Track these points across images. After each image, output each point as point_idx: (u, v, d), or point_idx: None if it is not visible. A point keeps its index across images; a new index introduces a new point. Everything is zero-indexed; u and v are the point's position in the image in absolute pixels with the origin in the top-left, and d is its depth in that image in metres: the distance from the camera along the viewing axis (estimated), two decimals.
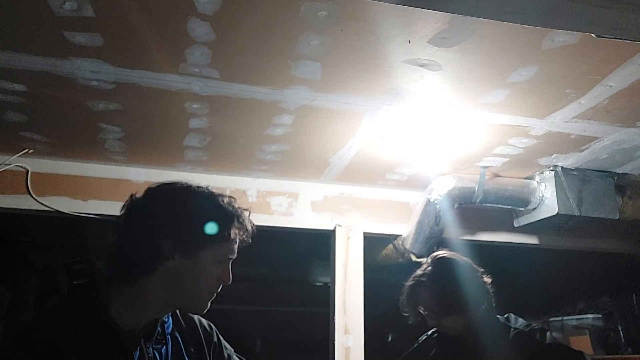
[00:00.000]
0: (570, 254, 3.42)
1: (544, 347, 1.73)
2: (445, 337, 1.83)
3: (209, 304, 1.27)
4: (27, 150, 2.33)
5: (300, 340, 5.27)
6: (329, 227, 2.81)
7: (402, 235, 2.89)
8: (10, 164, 2.37)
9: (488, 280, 1.83)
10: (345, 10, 1.37)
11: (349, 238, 2.79)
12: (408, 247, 2.79)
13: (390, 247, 3.03)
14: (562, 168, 2.55)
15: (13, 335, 1.16)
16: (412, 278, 1.86)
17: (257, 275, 4.67)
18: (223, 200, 1.26)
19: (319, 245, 3.46)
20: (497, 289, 1.84)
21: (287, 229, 2.78)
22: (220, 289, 1.28)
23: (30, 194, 2.41)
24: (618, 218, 2.62)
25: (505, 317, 1.86)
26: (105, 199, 2.50)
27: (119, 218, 1.25)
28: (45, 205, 2.43)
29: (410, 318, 1.86)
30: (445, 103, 1.92)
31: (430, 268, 1.83)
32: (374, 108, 1.95)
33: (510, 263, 3.37)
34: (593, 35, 1.13)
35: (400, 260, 2.93)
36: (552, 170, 2.57)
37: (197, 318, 1.40)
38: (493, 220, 2.98)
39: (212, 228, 1.21)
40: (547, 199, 2.60)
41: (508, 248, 3.13)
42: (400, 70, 1.68)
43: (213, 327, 1.43)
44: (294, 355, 5.35)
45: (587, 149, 2.33)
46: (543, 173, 2.62)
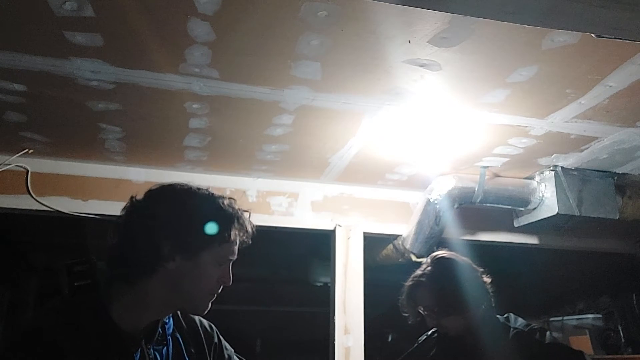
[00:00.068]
0: (570, 254, 3.43)
1: (544, 346, 1.73)
2: (445, 337, 1.83)
3: (210, 305, 1.27)
4: (27, 150, 2.33)
5: (301, 340, 5.27)
6: (329, 227, 2.81)
7: (402, 235, 2.89)
8: (10, 164, 2.37)
9: (488, 280, 1.83)
10: (345, 10, 1.37)
11: (349, 238, 2.79)
12: (408, 247, 2.79)
13: (390, 247, 3.03)
14: (562, 168, 2.55)
15: (14, 337, 1.16)
16: (411, 278, 1.86)
17: (257, 276, 4.67)
18: (223, 202, 1.25)
19: (319, 246, 3.46)
20: (497, 289, 1.84)
21: (287, 229, 2.78)
22: (221, 290, 1.28)
23: (30, 194, 2.41)
24: (618, 218, 2.62)
25: (505, 317, 1.86)
26: (105, 199, 2.50)
27: (120, 219, 1.25)
28: (45, 205, 2.43)
29: (410, 318, 1.86)
30: (445, 103, 1.92)
31: (430, 268, 1.83)
32: (374, 108, 1.95)
33: (510, 263, 3.37)
34: (593, 35, 1.13)
35: (400, 260, 2.93)
36: (552, 170, 2.57)
37: (197, 319, 1.39)
38: (493, 220, 2.98)
39: (212, 229, 1.21)
40: (547, 199, 2.60)
41: (508, 248, 3.13)
42: (400, 70, 1.68)
43: (214, 327, 1.43)
44: (294, 355, 5.35)
45: (587, 149, 2.33)
46: (543, 173, 2.62)
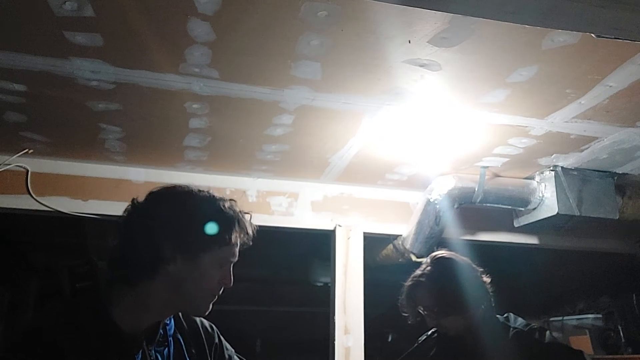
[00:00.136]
0: (570, 254, 3.42)
1: (543, 346, 1.72)
2: (445, 337, 1.83)
3: (211, 306, 1.28)
4: (27, 150, 2.33)
5: (301, 340, 5.28)
6: (329, 227, 2.81)
7: (402, 235, 2.89)
8: (10, 164, 2.37)
9: (487, 280, 1.83)
10: (345, 10, 1.37)
11: (349, 238, 2.79)
12: (408, 247, 2.79)
13: (390, 247, 3.03)
14: (562, 168, 2.55)
15: (14, 337, 1.16)
16: (411, 278, 1.86)
17: (257, 276, 4.67)
18: (224, 204, 1.25)
19: (320, 246, 3.46)
20: (497, 289, 1.84)
21: (287, 229, 2.78)
22: (222, 291, 1.28)
23: (30, 194, 2.41)
24: (618, 218, 2.62)
25: (505, 316, 1.85)
26: (105, 199, 2.50)
27: (121, 221, 1.25)
28: (45, 205, 2.43)
29: (410, 318, 1.86)
30: (445, 103, 1.92)
31: (430, 268, 1.83)
32: (374, 108, 1.95)
33: (510, 263, 3.37)
34: (593, 35, 1.13)
35: (400, 260, 2.93)
36: (552, 170, 2.57)
37: (198, 319, 1.39)
38: (493, 220, 2.98)
39: (213, 232, 1.21)
40: (547, 199, 2.60)
41: (508, 248, 3.13)
42: (400, 70, 1.68)
43: (214, 328, 1.43)
44: (294, 355, 5.35)
45: (587, 149, 2.33)
46: (543, 173, 2.62)
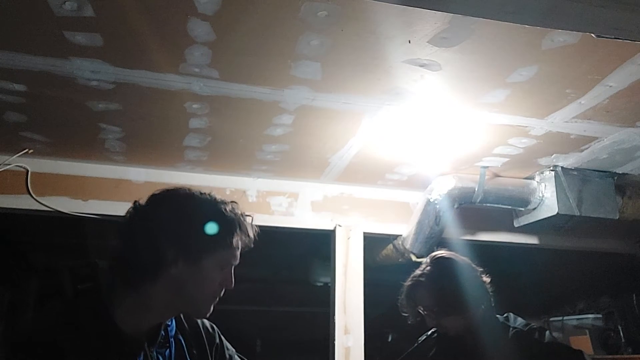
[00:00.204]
0: (570, 254, 3.42)
1: (543, 346, 1.73)
2: (445, 337, 1.83)
3: (212, 308, 1.28)
4: (27, 150, 2.33)
5: (301, 340, 5.28)
6: (329, 227, 2.81)
7: (402, 235, 2.89)
8: (10, 164, 2.37)
9: (487, 280, 1.83)
10: (345, 10, 1.37)
11: (349, 238, 2.79)
12: (408, 247, 2.79)
13: (390, 247, 3.03)
14: (562, 168, 2.55)
15: (15, 338, 1.16)
16: (411, 278, 1.86)
17: (258, 276, 4.68)
18: (225, 208, 1.25)
19: (320, 246, 3.46)
20: (497, 289, 1.84)
21: (287, 229, 2.78)
22: (223, 293, 1.28)
23: (30, 194, 2.41)
24: (618, 218, 2.62)
25: (505, 316, 1.85)
26: (105, 199, 2.49)
27: (122, 224, 1.25)
28: (45, 205, 2.43)
29: (410, 318, 1.86)
30: (445, 103, 1.92)
31: (429, 268, 1.83)
32: (374, 108, 1.95)
33: (510, 263, 3.37)
34: (593, 35, 1.13)
35: (400, 260, 2.93)
36: (552, 170, 2.57)
37: (199, 320, 1.40)
38: (493, 220, 2.98)
39: (214, 236, 1.22)
40: (547, 199, 2.60)
41: (508, 248, 3.13)
42: (400, 70, 1.68)
43: (215, 328, 1.43)
44: (294, 355, 5.35)
45: (587, 149, 2.33)
46: (543, 173, 2.62)
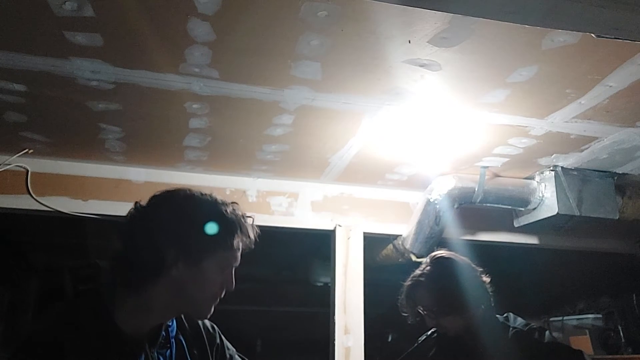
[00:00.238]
0: (570, 254, 3.42)
1: (543, 346, 1.73)
2: (445, 337, 1.82)
3: (213, 309, 1.28)
4: (27, 150, 2.33)
5: (301, 340, 5.28)
6: (329, 227, 2.81)
7: (402, 235, 2.88)
8: (10, 164, 2.37)
9: (487, 280, 1.83)
10: (345, 10, 1.37)
11: (349, 238, 2.79)
12: (408, 247, 2.79)
13: (390, 247, 3.03)
14: (562, 168, 2.55)
15: (18, 343, 1.17)
16: (410, 278, 1.86)
17: (258, 276, 4.68)
18: (226, 210, 1.25)
19: (320, 246, 3.46)
20: (497, 289, 1.84)
21: (287, 229, 2.78)
22: (224, 294, 1.29)
23: (30, 194, 2.41)
24: (618, 218, 2.62)
25: (505, 316, 1.85)
26: (105, 199, 2.49)
27: (123, 225, 1.25)
28: (45, 205, 2.43)
29: (410, 318, 1.86)
30: (445, 103, 1.92)
31: (429, 268, 1.83)
32: (374, 108, 1.95)
33: (510, 263, 3.37)
34: (593, 35, 1.13)
35: (400, 260, 2.93)
36: (552, 170, 2.57)
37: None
38: (493, 220, 2.98)
39: (215, 238, 1.22)
40: (547, 199, 2.60)
41: (508, 248, 3.12)
42: (400, 70, 1.68)
43: (216, 328, 1.44)
44: (295, 355, 5.35)
45: (587, 149, 2.33)
46: (543, 173, 2.62)
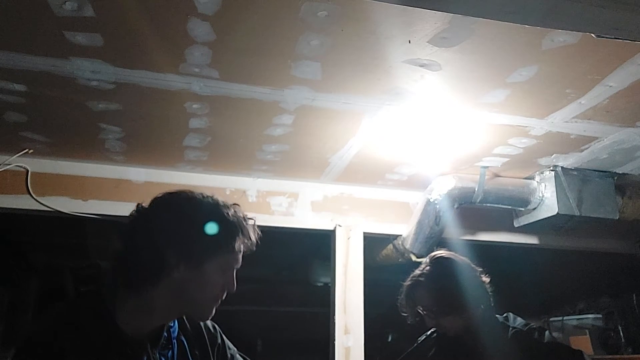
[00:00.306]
0: (570, 254, 3.42)
1: (543, 346, 1.73)
2: (444, 336, 1.83)
3: (214, 311, 1.28)
4: (27, 150, 2.33)
5: (301, 340, 5.27)
6: (329, 227, 2.81)
7: (402, 235, 2.88)
8: (10, 164, 2.37)
9: (486, 280, 1.83)
10: (345, 10, 1.37)
11: (349, 238, 2.79)
12: (408, 247, 2.79)
13: (390, 247, 3.03)
14: (562, 168, 2.54)
15: (18, 343, 1.17)
16: (410, 278, 1.86)
17: (258, 276, 4.68)
18: (228, 212, 1.25)
19: (320, 246, 3.46)
20: (497, 289, 1.84)
21: (287, 229, 2.78)
22: (225, 296, 1.29)
23: (30, 194, 2.41)
24: (618, 218, 2.62)
25: (504, 316, 1.86)
26: (105, 199, 2.49)
27: (125, 227, 1.26)
28: (45, 205, 2.42)
29: (409, 318, 1.86)
30: (445, 103, 1.92)
31: (429, 268, 1.83)
32: (374, 108, 1.95)
33: (510, 263, 3.37)
34: (593, 35, 1.13)
35: (400, 260, 2.93)
36: (552, 170, 2.57)
37: None
38: (493, 220, 2.98)
39: (217, 241, 1.22)
40: (547, 199, 2.60)
41: (508, 248, 3.12)
42: (400, 70, 1.68)
43: (217, 328, 1.44)
44: (295, 355, 5.35)
45: (587, 149, 2.33)
46: (543, 173, 2.62)
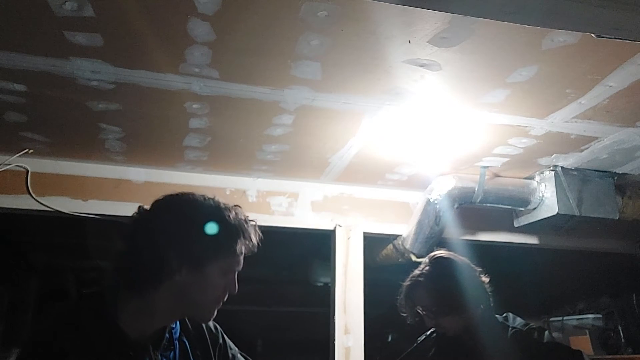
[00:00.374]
0: (570, 254, 3.42)
1: (542, 346, 1.73)
2: (444, 337, 1.82)
3: (216, 312, 1.29)
4: (27, 150, 2.33)
5: (301, 340, 5.27)
6: (329, 227, 2.81)
7: (402, 235, 2.88)
8: (10, 164, 2.37)
9: (486, 280, 1.83)
10: (345, 10, 1.37)
11: (349, 238, 2.79)
12: (408, 247, 2.79)
13: (390, 247, 3.03)
14: (562, 168, 2.55)
15: (19, 344, 1.17)
16: (409, 278, 1.86)
17: (259, 276, 4.67)
18: (229, 215, 1.25)
19: (320, 246, 3.46)
20: (497, 289, 1.83)
21: (287, 229, 2.78)
22: (227, 298, 1.29)
23: (30, 194, 2.41)
24: (618, 218, 2.62)
25: (504, 316, 1.85)
26: (105, 199, 2.49)
27: (126, 230, 1.26)
28: (45, 205, 2.42)
29: (409, 318, 1.86)
30: (445, 103, 1.92)
31: (428, 268, 1.83)
32: (374, 108, 1.95)
33: (510, 263, 3.37)
34: (593, 35, 1.13)
35: (400, 260, 2.93)
36: (552, 170, 2.57)
37: None
38: (493, 220, 2.98)
39: (218, 244, 1.22)
40: (547, 199, 2.60)
41: (508, 248, 3.12)
42: (400, 70, 1.68)
43: (219, 328, 1.44)
44: (295, 355, 5.35)
45: (587, 149, 2.33)
46: (543, 173, 2.62)
